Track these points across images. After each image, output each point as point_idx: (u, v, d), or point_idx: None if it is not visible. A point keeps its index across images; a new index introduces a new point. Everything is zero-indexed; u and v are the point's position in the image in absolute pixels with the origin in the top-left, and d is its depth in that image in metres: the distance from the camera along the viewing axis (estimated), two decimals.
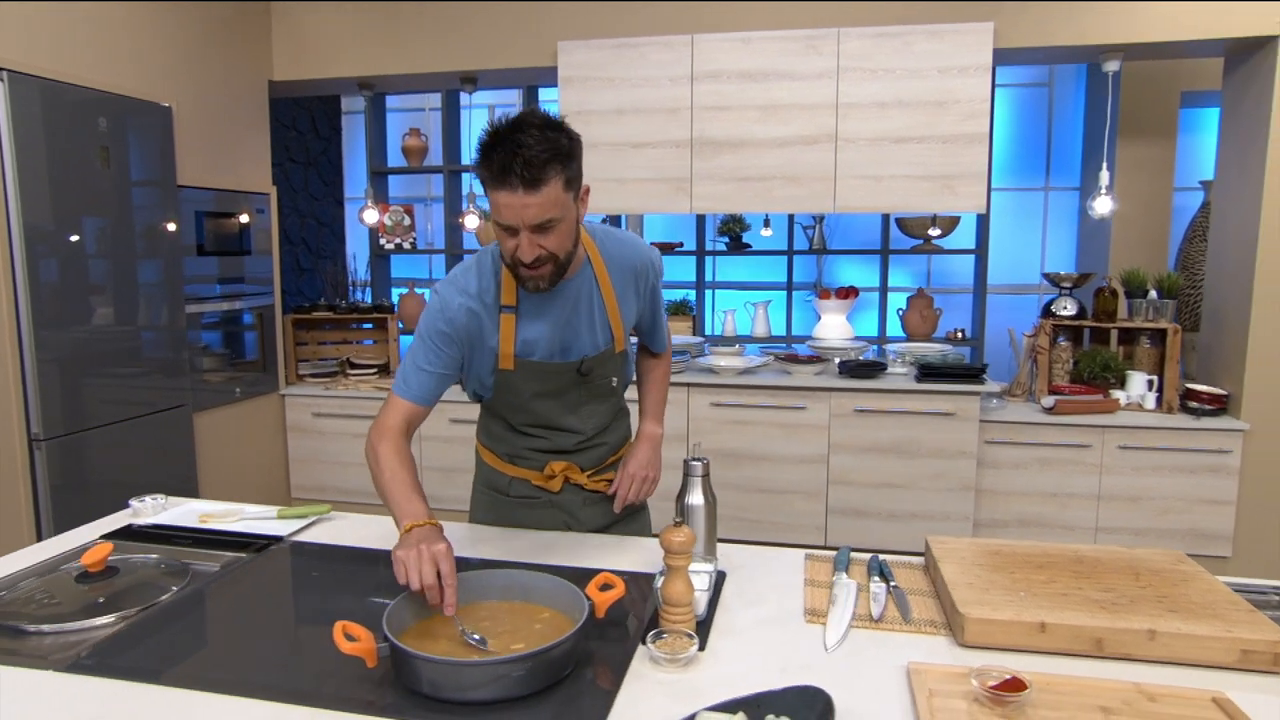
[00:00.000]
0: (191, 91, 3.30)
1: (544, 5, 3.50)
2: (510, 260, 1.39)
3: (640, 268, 1.60)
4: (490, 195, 1.34)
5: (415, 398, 1.51)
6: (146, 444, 3.07)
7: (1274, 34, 2.96)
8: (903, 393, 3.28)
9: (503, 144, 1.29)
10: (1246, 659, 1.12)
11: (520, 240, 1.33)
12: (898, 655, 1.16)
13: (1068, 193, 4.60)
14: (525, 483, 1.68)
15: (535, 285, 1.41)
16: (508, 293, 1.50)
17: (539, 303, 1.51)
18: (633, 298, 1.61)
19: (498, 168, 1.29)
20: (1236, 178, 3.21)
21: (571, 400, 1.60)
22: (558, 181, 1.31)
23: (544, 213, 1.31)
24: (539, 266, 1.37)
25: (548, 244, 1.35)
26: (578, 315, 1.54)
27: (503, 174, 1.28)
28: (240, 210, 3.59)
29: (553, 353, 1.54)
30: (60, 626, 1.24)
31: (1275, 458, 3.12)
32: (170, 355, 3.17)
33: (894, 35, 3.16)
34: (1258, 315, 3.08)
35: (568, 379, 1.57)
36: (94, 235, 2.82)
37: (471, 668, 1.02)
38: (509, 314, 1.50)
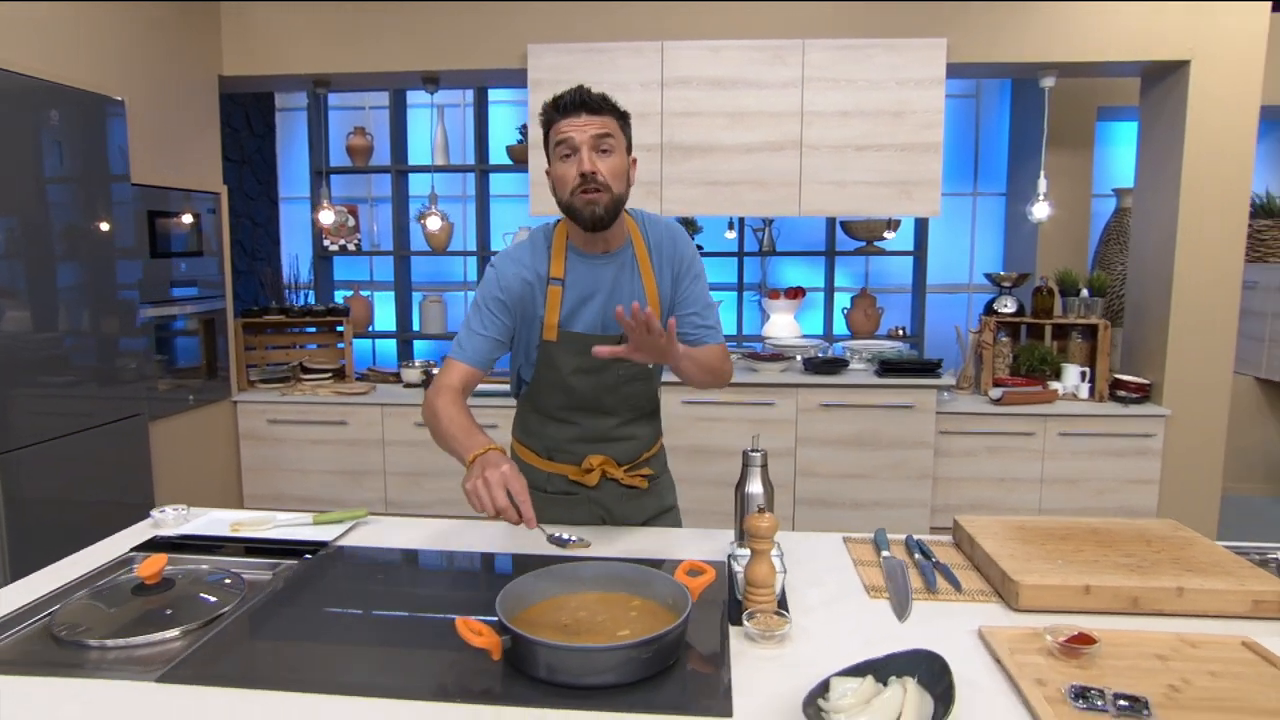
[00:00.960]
0: (142, 86, 3.14)
1: (513, 8, 3.51)
2: (570, 190, 1.51)
3: (675, 251, 1.68)
4: (554, 130, 1.53)
5: (471, 360, 1.59)
6: (103, 457, 2.90)
7: (1187, 59, 3.28)
8: (865, 387, 3.45)
9: (568, 92, 1.53)
10: (1258, 608, 1.28)
11: (581, 157, 1.49)
12: (962, 621, 1.27)
13: (995, 198, 4.92)
14: (563, 478, 1.72)
15: (593, 211, 1.51)
16: (556, 265, 1.60)
17: (584, 275, 1.61)
18: (669, 279, 1.68)
19: (566, 101, 1.52)
20: (1155, 186, 3.54)
21: (609, 380, 1.65)
22: (614, 121, 1.54)
23: (603, 130, 1.51)
24: (595, 189, 1.50)
25: (603, 167, 1.50)
26: (619, 289, 1.63)
27: (570, 105, 1.51)
28: (191, 210, 3.44)
29: (594, 325, 1.62)
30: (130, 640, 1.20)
31: (1192, 440, 3.45)
32: (126, 362, 3.01)
33: (855, 48, 3.33)
34: (1176, 311, 3.40)
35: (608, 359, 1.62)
36: (42, 235, 2.66)
37: (602, 652, 1.06)
38: (555, 285, 1.60)
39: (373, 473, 3.79)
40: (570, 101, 1.51)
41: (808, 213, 3.47)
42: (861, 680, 0.99)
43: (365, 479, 3.79)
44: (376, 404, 3.75)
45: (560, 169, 1.53)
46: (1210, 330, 3.40)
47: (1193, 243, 3.36)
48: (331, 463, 3.79)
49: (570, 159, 1.51)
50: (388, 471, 3.77)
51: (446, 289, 5.08)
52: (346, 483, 3.80)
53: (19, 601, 1.32)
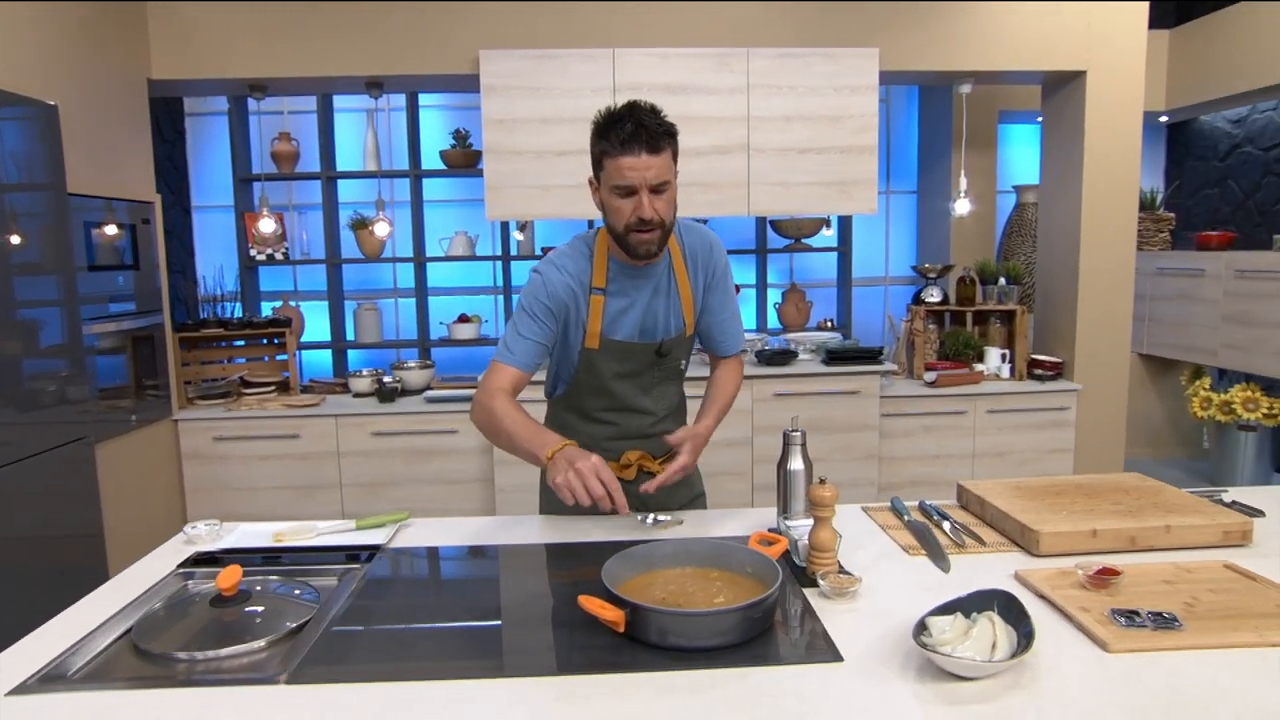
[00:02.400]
0: (71, 90, 2.97)
1: (463, 12, 3.51)
2: (625, 226, 1.55)
3: (708, 256, 1.76)
4: (611, 163, 1.53)
5: (520, 364, 1.64)
6: (48, 486, 2.73)
7: (1084, 69, 3.67)
8: (814, 376, 3.67)
9: (626, 118, 1.52)
10: (1227, 537, 1.51)
11: (640, 200, 1.52)
12: (996, 568, 1.44)
13: (906, 196, 5.29)
14: None
15: (647, 249, 1.58)
16: (598, 275, 1.66)
17: (625, 286, 1.67)
18: (701, 284, 1.76)
19: (626, 135, 1.50)
20: (1059, 184, 3.93)
21: (646, 381, 1.74)
22: (669, 152, 1.55)
23: (661, 174, 1.52)
24: (652, 230, 1.55)
25: (659, 207, 1.54)
26: (658, 299, 1.70)
27: (630, 140, 1.49)
28: (126, 220, 3.27)
29: (635, 333, 1.69)
30: (219, 652, 1.20)
31: (1101, 411, 3.86)
32: (69, 383, 2.84)
33: (795, 56, 3.53)
34: (1083, 295, 3.79)
35: (646, 360, 1.71)
36: None
37: (722, 615, 1.16)
38: (598, 295, 1.66)
39: (328, 486, 3.70)
40: (630, 135, 1.48)
41: (756, 213, 3.65)
42: (953, 617, 1.14)
43: (320, 493, 3.70)
44: (329, 415, 3.67)
45: (615, 202, 1.55)
46: (1111, 312, 3.81)
47: (1094, 234, 3.75)
48: (283, 478, 3.67)
49: (627, 196, 1.53)
50: (344, 484, 3.70)
51: (378, 296, 4.99)
52: (300, 498, 3.69)
53: (85, 624, 1.29)
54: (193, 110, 4.85)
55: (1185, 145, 5.20)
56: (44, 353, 2.74)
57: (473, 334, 4.53)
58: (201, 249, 5.01)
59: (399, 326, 5.02)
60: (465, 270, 4.94)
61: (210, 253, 4.96)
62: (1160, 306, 4.72)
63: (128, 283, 3.31)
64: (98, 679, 1.16)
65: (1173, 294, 4.62)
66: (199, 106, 4.83)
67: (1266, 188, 4.62)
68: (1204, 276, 4.38)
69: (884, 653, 1.15)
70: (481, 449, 3.68)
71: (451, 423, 3.69)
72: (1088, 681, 1.07)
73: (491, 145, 3.54)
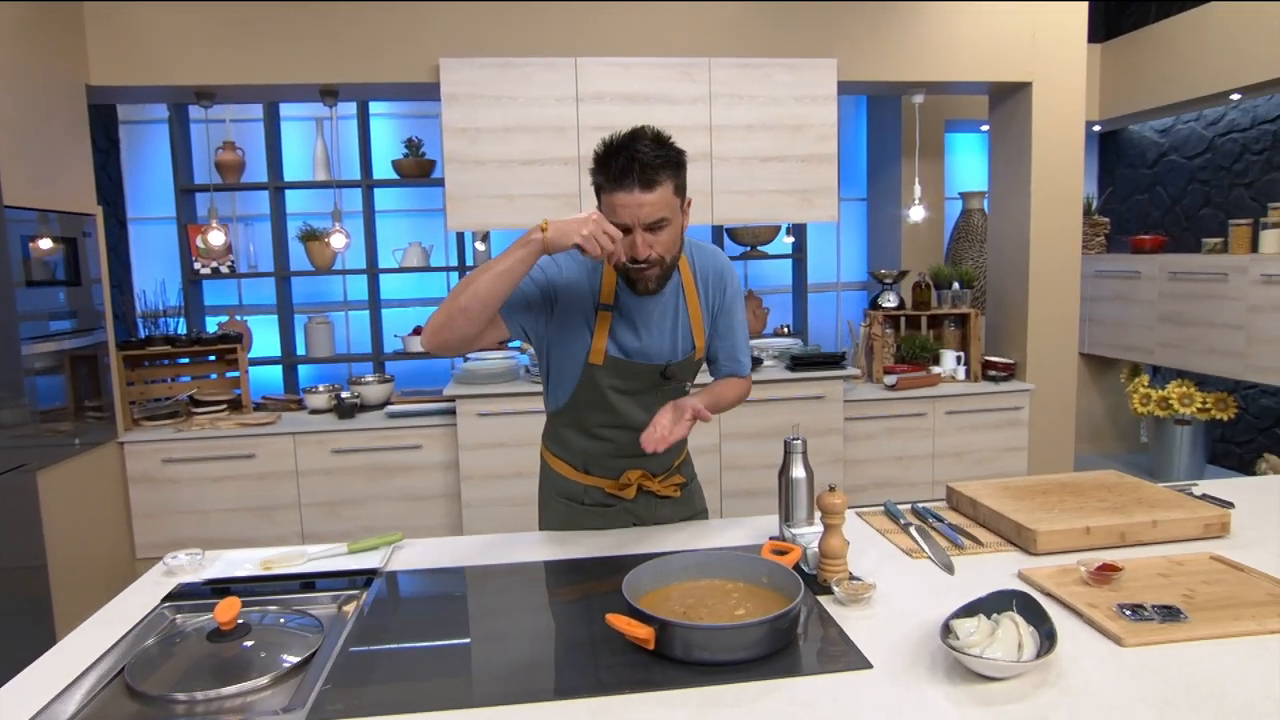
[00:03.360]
0: (5, 97, 2.80)
1: (423, 20, 3.45)
2: (619, 262, 1.50)
3: (718, 277, 1.71)
4: (606, 199, 1.48)
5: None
6: None
7: (1029, 80, 3.81)
8: (780, 382, 3.70)
9: (621, 151, 1.45)
10: (1207, 529, 1.58)
11: (633, 239, 1.47)
12: (997, 567, 1.48)
13: (856, 203, 5.40)
14: (599, 490, 1.76)
15: (645, 286, 1.54)
16: (607, 291, 1.61)
17: (633, 306, 1.62)
18: (711, 306, 1.72)
19: (617, 171, 1.44)
20: (1008, 191, 4.07)
21: (649, 401, 1.70)
22: (668, 186, 1.48)
23: (656, 212, 1.46)
24: (649, 268, 1.51)
25: (657, 245, 1.49)
26: (666, 320, 1.66)
27: (622, 176, 1.44)
28: (66, 234, 3.10)
29: (640, 354, 1.65)
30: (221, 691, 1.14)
31: (1052, 409, 4.00)
32: (8, 408, 2.68)
33: (756, 66, 3.57)
34: (1034, 298, 3.93)
35: (650, 380, 1.68)
36: None
37: (752, 628, 1.15)
38: (606, 311, 1.61)
39: (285, 506, 3.57)
40: (622, 170, 1.43)
41: (720, 221, 3.67)
42: (977, 619, 1.16)
43: (277, 513, 3.57)
44: (286, 433, 3.54)
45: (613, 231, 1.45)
46: (1059, 314, 3.96)
47: (1042, 239, 3.90)
48: (237, 500, 3.53)
49: (624, 233, 1.46)
50: (303, 504, 3.57)
51: (329, 309, 4.86)
52: (255, 519, 3.55)
53: (75, 664, 1.21)
54: (127, 118, 4.64)
55: (1117, 153, 5.45)
56: None
57: None
58: (139, 263, 4.79)
59: (350, 340, 4.89)
60: (419, 281, 4.84)
61: (148, 266, 4.75)
62: (1099, 307, 4.93)
63: (67, 299, 3.13)
64: None
65: (1111, 295, 4.83)
66: (134, 114, 4.63)
67: (1191, 194, 4.88)
68: (1140, 278, 4.59)
69: (909, 657, 1.16)
70: (446, 464, 3.61)
71: (414, 438, 3.61)
72: (1109, 676, 1.10)
73: (452, 154, 3.48)
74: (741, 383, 1.79)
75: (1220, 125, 4.66)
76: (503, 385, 3.61)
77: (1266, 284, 3.80)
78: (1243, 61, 3.98)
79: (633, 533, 1.74)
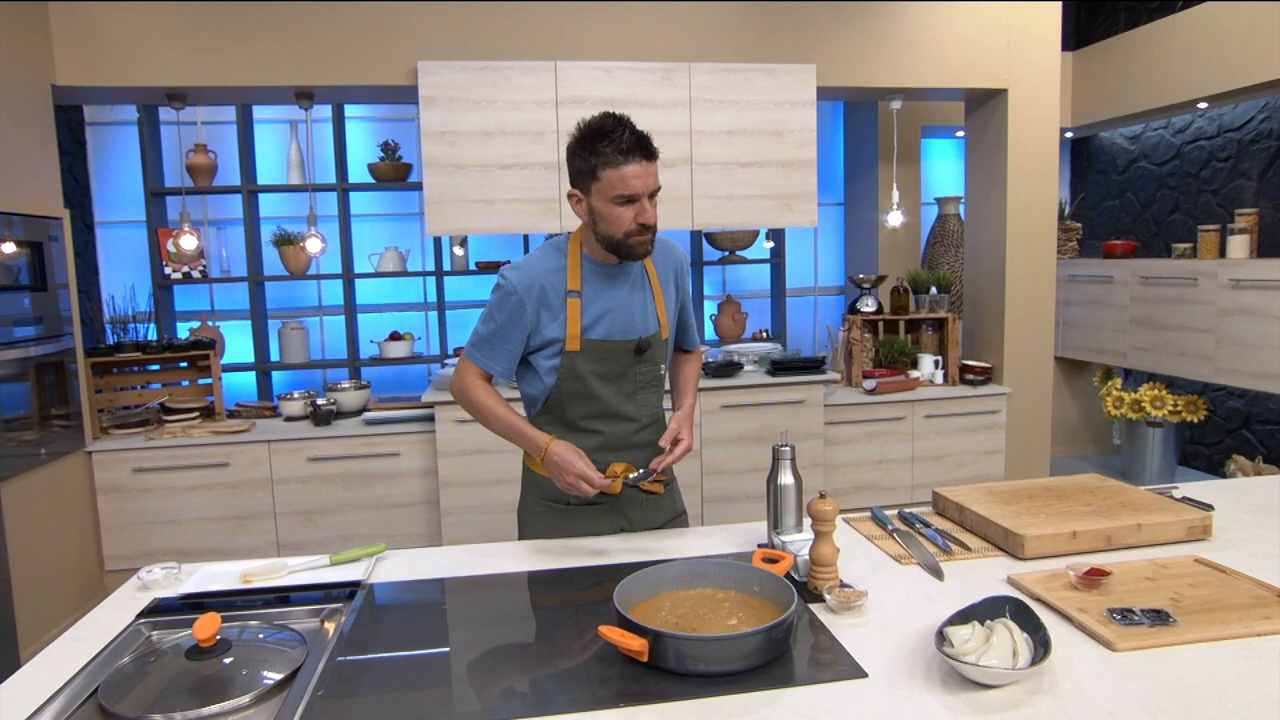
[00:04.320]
0: None
1: (401, 23, 3.41)
2: (625, 232, 1.59)
3: (676, 262, 1.82)
4: (613, 173, 1.55)
5: (500, 373, 1.71)
6: None
7: (1005, 87, 3.86)
8: (760, 387, 3.71)
9: (622, 128, 1.56)
10: (1190, 532, 1.60)
11: (642, 205, 1.58)
12: (987, 573, 1.48)
13: (833, 208, 5.43)
14: None
15: (644, 250, 1.64)
16: (573, 279, 1.67)
17: (599, 287, 1.69)
18: (672, 290, 1.82)
19: (628, 144, 1.54)
20: (984, 196, 4.11)
21: (628, 386, 1.73)
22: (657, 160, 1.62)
23: (657, 180, 1.60)
24: (648, 232, 1.61)
25: (657, 214, 1.62)
26: (633, 298, 1.72)
27: (633, 149, 1.55)
28: (30, 238, 3.02)
29: (612, 331, 1.71)
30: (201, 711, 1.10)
31: (1029, 412, 4.04)
32: None
33: (736, 71, 3.58)
34: (1010, 303, 3.98)
35: (626, 360, 1.72)
36: None
37: (747, 638, 1.13)
38: (574, 298, 1.67)
39: (260, 515, 3.50)
40: (632, 146, 1.54)
41: (700, 226, 3.67)
42: (971, 626, 1.15)
43: (252, 523, 3.50)
44: (261, 441, 3.47)
45: (615, 210, 1.57)
46: (1035, 318, 4.01)
47: (1018, 244, 3.94)
48: (210, 509, 3.45)
49: (627, 206, 1.57)
50: (278, 512, 3.51)
51: (304, 314, 4.78)
52: (229, 529, 3.48)
53: (45, 685, 1.16)
54: (95, 119, 4.54)
55: (1088, 159, 5.54)
56: None
57: (405, 352, 4.39)
58: (106, 267, 4.69)
59: (325, 346, 4.81)
60: (395, 286, 4.79)
61: (116, 271, 4.65)
62: (1073, 311, 5.00)
63: (32, 305, 3.05)
64: None
65: (1084, 299, 4.90)
66: (101, 115, 4.53)
67: (1161, 200, 4.97)
68: (1112, 283, 4.66)
69: (904, 665, 1.15)
70: (425, 472, 3.56)
71: (392, 445, 3.56)
72: (1103, 681, 1.10)
73: (432, 159, 3.45)
74: (698, 356, 1.99)
75: (1188, 133, 4.76)
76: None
77: (1234, 289, 3.88)
78: (1209, 71, 4.06)
79: (619, 540, 1.73)
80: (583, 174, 1.59)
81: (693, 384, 1.93)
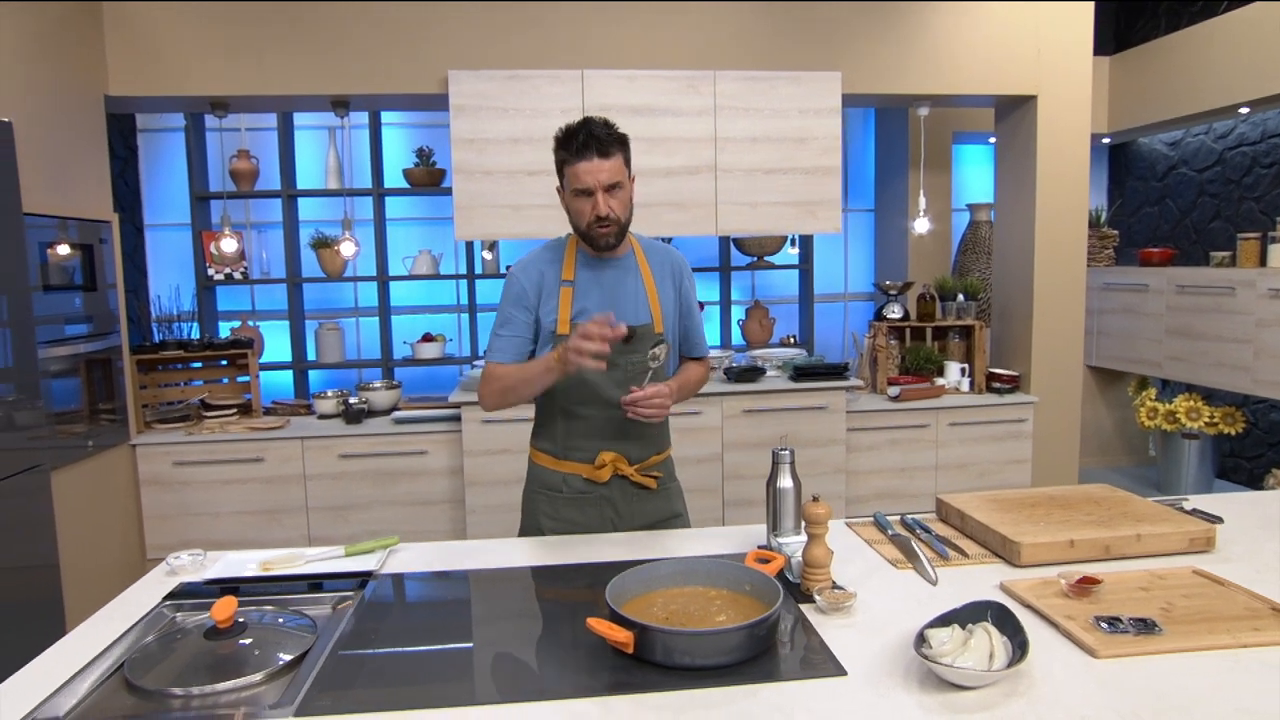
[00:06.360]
0: (27, 107, 2.88)
1: (432, 33, 3.51)
2: (586, 223, 1.74)
3: (674, 265, 1.94)
4: (570, 170, 1.72)
5: (509, 360, 1.81)
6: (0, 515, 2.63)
7: (1034, 94, 3.83)
8: (782, 392, 3.72)
9: (579, 130, 1.70)
10: (1193, 544, 1.59)
11: (596, 199, 1.70)
12: (980, 578, 1.49)
13: (863, 214, 5.42)
14: (577, 478, 1.84)
15: (606, 241, 1.76)
16: (567, 269, 1.83)
17: (591, 277, 1.83)
18: (671, 290, 1.92)
19: (580, 144, 1.69)
20: (1013, 203, 4.08)
21: (617, 375, 1.80)
22: (619, 157, 1.74)
23: (613, 176, 1.71)
24: (608, 225, 1.74)
25: (615, 205, 1.73)
26: (623, 288, 1.85)
27: (584, 148, 1.68)
28: (82, 240, 3.18)
29: None
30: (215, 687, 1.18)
31: (1057, 422, 3.99)
32: (24, 409, 2.74)
33: (761, 79, 3.61)
34: (1038, 311, 3.93)
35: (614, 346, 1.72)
36: None
37: (731, 633, 1.18)
38: (567, 287, 1.82)
39: (293, 510, 3.62)
40: (583, 144, 1.68)
41: (724, 232, 3.71)
42: (951, 629, 1.18)
43: (285, 516, 3.62)
44: (295, 437, 3.60)
45: (577, 204, 1.74)
46: (1064, 326, 3.96)
47: (1047, 252, 3.90)
48: (246, 503, 3.59)
49: (586, 198, 1.72)
50: (310, 507, 3.63)
51: (340, 315, 4.92)
52: (264, 522, 3.61)
53: (77, 659, 1.25)
54: (145, 126, 4.74)
55: (1126, 166, 5.44)
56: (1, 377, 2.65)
57: (437, 353, 4.49)
58: (155, 268, 4.88)
59: (361, 346, 4.95)
60: (429, 289, 4.90)
61: (164, 272, 4.84)
62: (1107, 320, 4.91)
63: (83, 304, 3.21)
64: (90, 719, 1.13)
65: (1119, 308, 4.82)
66: (152, 123, 4.73)
67: (1201, 207, 4.87)
68: (1148, 291, 4.58)
69: (885, 665, 1.18)
70: (451, 470, 3.65)
71: (420, 444, 3.65)
72: (1080, 687, 1.11)
73: (461, 165, 3.54)
74: (703, 364, 2.04)
75: (1230, 138, 4.65)
76: None
77: (1274, 298, 3.79)
78: (1251, 74, 3.97)
79: (622, 539, 1.78)
80: (558, 170, 1.77)
81: (684, 378, 1.95)
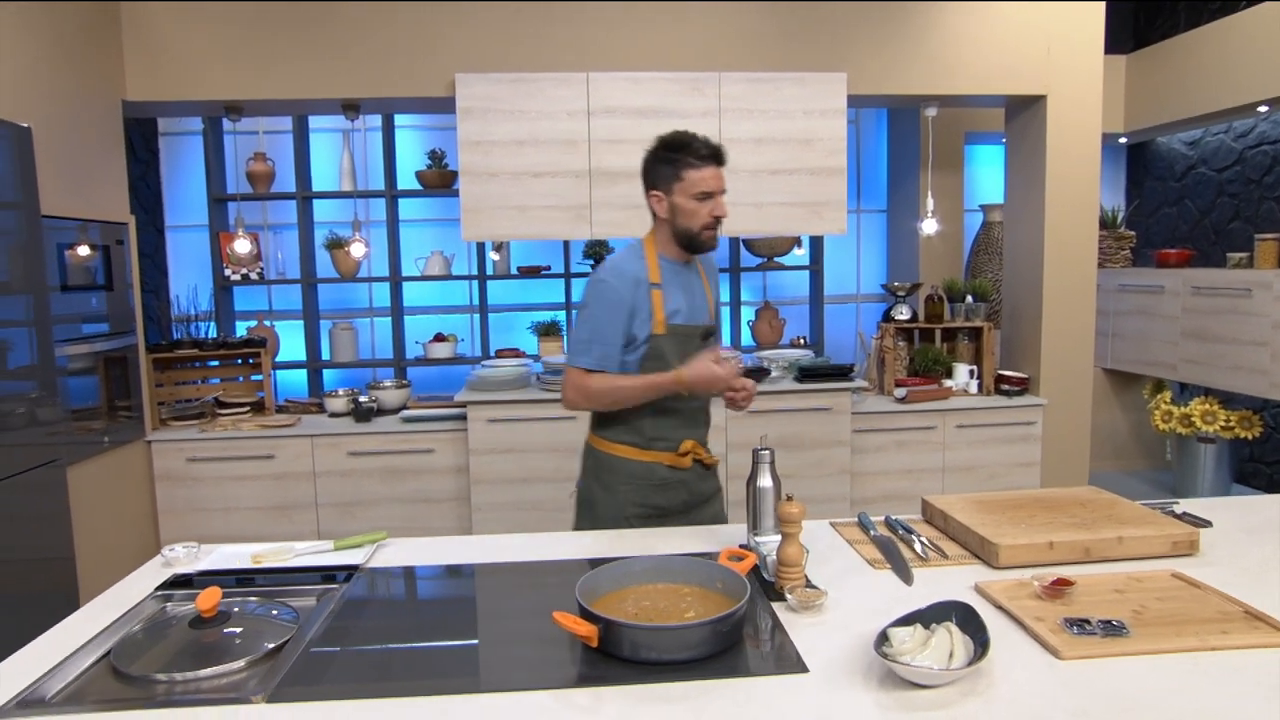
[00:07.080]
0: (46, 111, 2.97)
1: (439, 37, 3.56)
2: (701, 225, 1.89)
3: (715, 267, 2.15)
4: (695, 174, 1.87)
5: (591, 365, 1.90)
6: (18, 510, 2.71)
7: (1044, 94, 3.80)
8: (788, 393, 3.73)
9: (696, 140, 1.88)
10: (1175, 547, 1.58)
11: (715, 203, 1.89)
12: (957, 580, 1.50)
13: (875, 215, 5.39)
14: (660, 466, 1.97)
15: (713, 241, 1.94)
16: (653, 273, 1.94)
17: (673, 280, 1.96)
18: (715, 289, 2.11)
19: (707, 152, 1.88)
20: (1023, 203, 4.04)
21: None
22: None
23: (724, 183, 1.92)
24: (718, 225, 1.92)
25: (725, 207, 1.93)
26: (696, 290, 2.02)
27: (710, 156, 1.88)
28: (99, 242, 3.26)
29: (687, 317, 1.98)
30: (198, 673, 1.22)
31: (1065, 425, 3.95)
32: (42, 405, 2.82)
33: (765, 81, 3.62)
34: (1047, 313, 3.90)
35: (696, 343, 1.99)
36: None
37: (692, 629, 1.20)
38: (657, 289, 1.93)
39: (303, 506, 3.69)
40: (709, 154, 1.87)
41: (730, 233, 3.72)
42: (912, 628, 1.19)
43: (295, 513, 3.69)
44: (305, 435, 3.66)
45: (693, 206, 1.88)
46: (1074, 328, 3.92)
47: (1056, 253, 3.86)
48: (258, 499, 3.66)
49: (705, 201, 1.88)
50: (320, 504, 3.69)
51: (354, 315, 5.00)
52: (275, 518, 3.68)
53: (63, 647, 1.30)
54: (166, 130, 4.84)
55: (1144, 165, 5.37)
56: (15, 374, 2.73)
57: (449, 353, 4.55)
58: (175, 269, 4.99)
59: (374, 346, 5.02)
60: (441, 289, 4.96)
61: (184, 272, 4.94)
62: (1122, 322, 4.85)
63: (101, 303, 3.30)
64: (76, 702, 1.17)
65: (1134, 310, 4.75)
66: (173, 126, 4.83)
67: (1220, 207, 4.79)
68: (1164, 293, 4.51)
69: (847, 663, 1.19)
70: (457, 468, 3.70)
71: (428, 442, 3.70)
72: (1039, 687, 1.12)
73: (468, 167, 3.58)
74: None
75: (1250, 137, 4.57)
76: (514, 392, 3.70)
77: None
78: (1272, 72, 3.91)
79: (604, 536, 1.81)
80: (666, 176, 1.88)
81: None
